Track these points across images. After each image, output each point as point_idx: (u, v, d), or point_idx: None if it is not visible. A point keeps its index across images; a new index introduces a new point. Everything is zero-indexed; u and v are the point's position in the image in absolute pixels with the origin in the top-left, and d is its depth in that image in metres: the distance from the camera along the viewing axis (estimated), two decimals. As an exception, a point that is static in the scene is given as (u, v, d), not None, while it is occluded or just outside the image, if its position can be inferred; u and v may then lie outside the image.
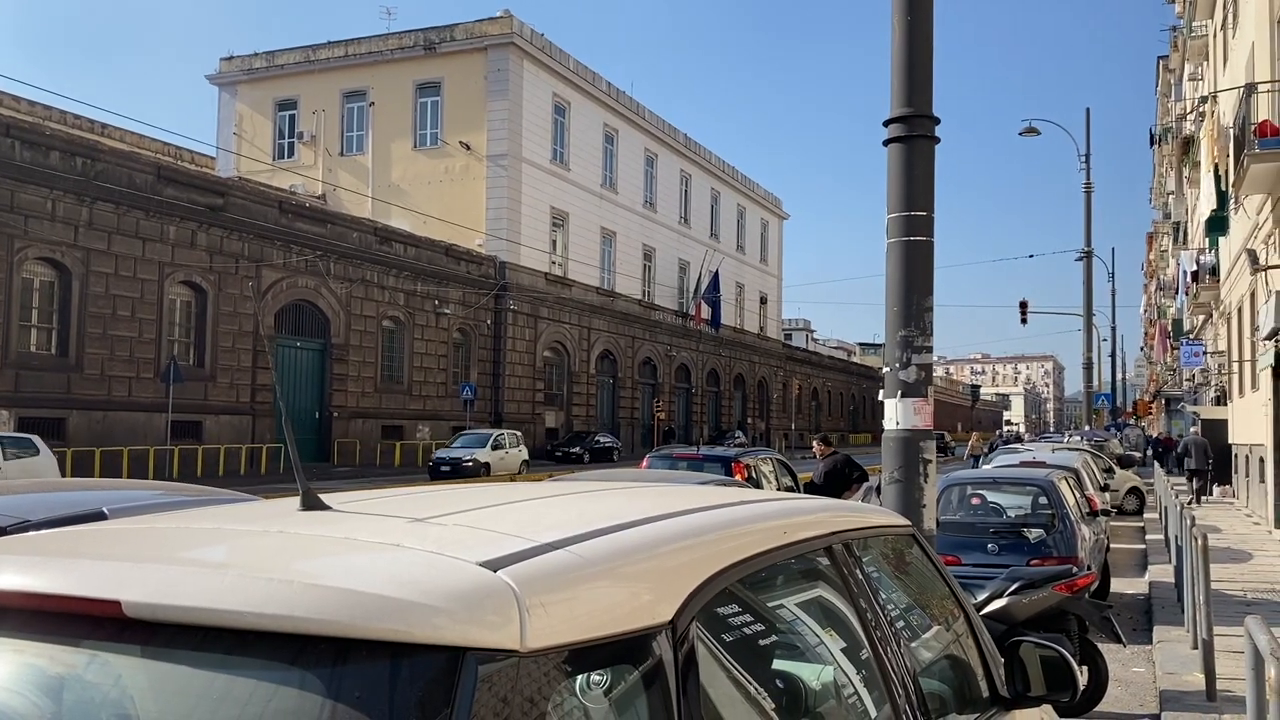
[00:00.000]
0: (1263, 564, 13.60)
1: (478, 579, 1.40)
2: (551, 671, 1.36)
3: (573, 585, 1.47)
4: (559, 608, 1.41)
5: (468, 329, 40.81)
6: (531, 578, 1.42)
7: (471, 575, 1.41)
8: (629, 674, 1.49)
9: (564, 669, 1.38)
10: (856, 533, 2.49)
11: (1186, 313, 36.69)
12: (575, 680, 1.40)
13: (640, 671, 1.50)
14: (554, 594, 1.42)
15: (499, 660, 1.30)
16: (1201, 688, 7.01)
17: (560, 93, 47.09)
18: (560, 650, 1.38)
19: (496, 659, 1.30)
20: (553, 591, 1.43)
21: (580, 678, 1.41)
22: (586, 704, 1.42)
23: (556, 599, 1.42)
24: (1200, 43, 32.44)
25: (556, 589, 1.44)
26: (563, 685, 1.38)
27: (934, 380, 6.67)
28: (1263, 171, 16.77)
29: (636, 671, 1.49)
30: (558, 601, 1.42)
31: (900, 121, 6.20)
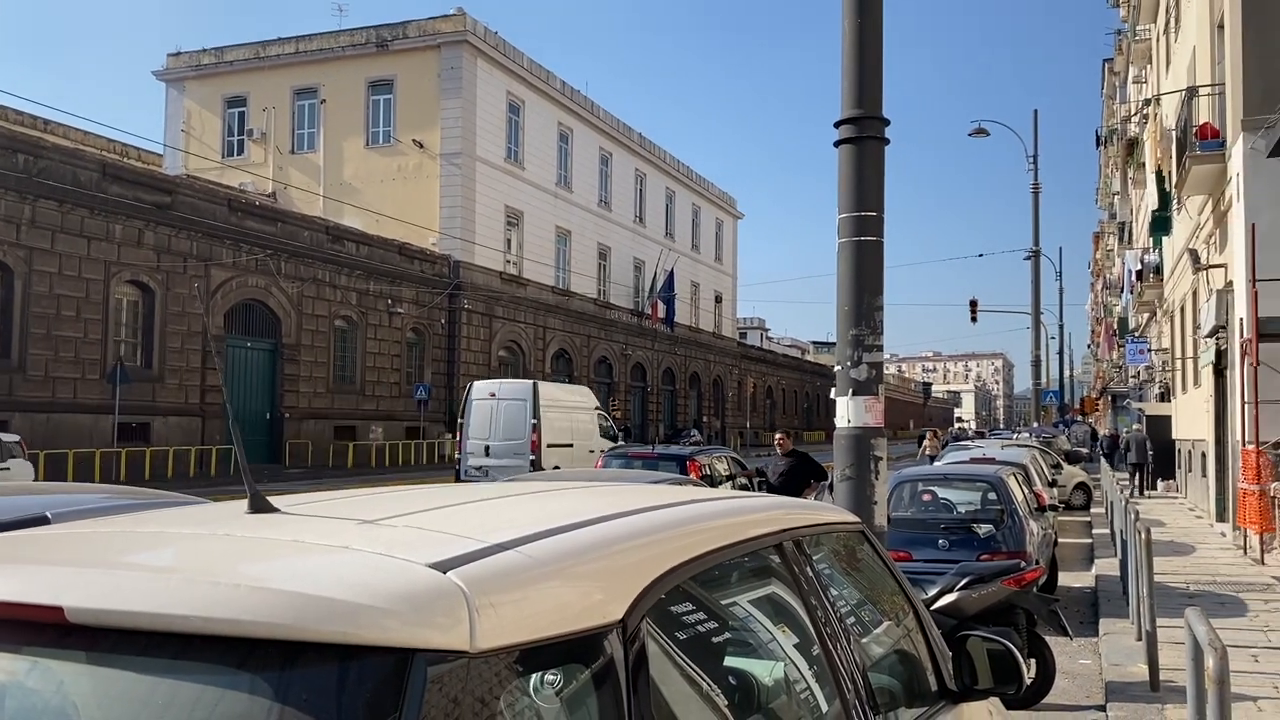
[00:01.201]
0: (1205, 556, 13.92)
1: (427, 580, 1.40)
2: (502, 672, 1.37)
3: (523, 586, 1.48)
4: (509, 608, 1.42)
5: (422, 329, 40.52)
6: (481, 578, 1.43)
7: (421, 577, 1.41)
8: (580, 673, 1.50)
9: (515, 669, 1.39)
10: (807, 530, 2.52)
11: (1132, 311, 37.42)
12: (526, 680, 1.41)
13: (591, 671, 1.51)
14: (504, 594, 1.43)
15: (449, 661, 1.31)
16: (1145, 678, 7.17)
17: (514, 91, 46.91)
18: (511, 650, 1.39)
19: (446, 660, 1.31)
20: (503, 592, 1.43)
21: (531, 677, 1.42)
22: (538, 703, 1.43)
23: (506, 599, 1.42)
24: (1144, 46, 33.10)
25: (506, 589, 1.45)
26: (514, 685, 1.38)
27: (886, 378, 6.75)
28: (1203, 173, 17.14)
29: (588, 671, 1.50)
30: (508, 602, 1.42)
31: (850, 123, 6.27)
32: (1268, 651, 8.13)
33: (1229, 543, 15.17)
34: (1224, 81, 16.19)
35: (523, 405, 23.14)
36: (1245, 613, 9.77)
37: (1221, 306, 16.27)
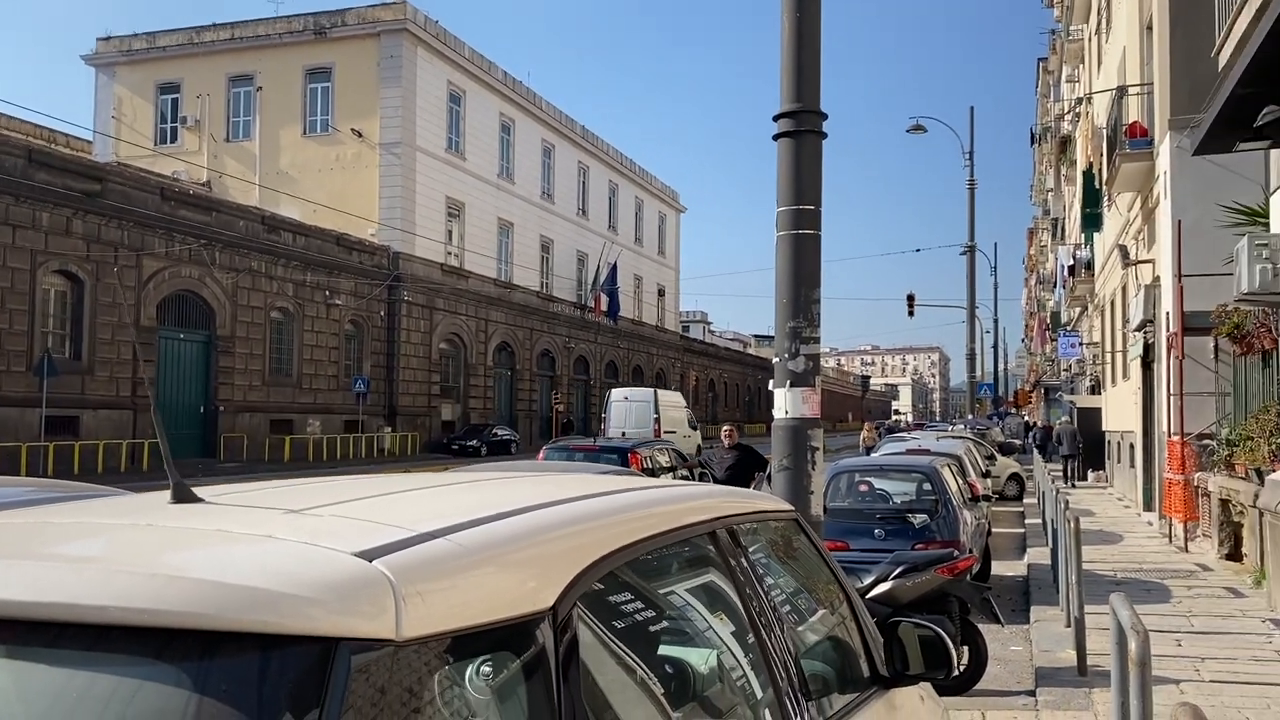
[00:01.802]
0: (1132, 545, 14.29)
1: (352, 569, 1.38)
2: (430, 660, 1.36)
3: (451, 574, 1.47)
4: (436, 596, 1.41)
5: (360, 320, 40.02)
6: (408, 567, 1.41)
7: (345, 565, 1.39)
8: (510, 661, 1.50)
9: (442, 657, 1.38)
10: (741, 518, 2.53)
11: (1064, 305, 38.21)
12: (454, 668, 1.40)
13: (521, 659, 1.50)
14: (431, 583, 1.42)
15: (374, 650, 1.30)
16: (1074, 664, 7.34)
17: (455, 81, 46.48)
18: (438, 639, 1.38)
19: (371, 649, 1.29)
20: (430, 580, 1.42)
21: (459, 666, 1.41)
22: (466, 692, 1.42)
23: (434, 588, 1.41)
24: (1077, 46, 33.78)
25: (434, 578, 1.43)
26: (441, 674, 1.37)
27: (826, 371, 6.83)
28: (1132, 170, 17.57)
29: (517, 659, 1.50)
30: (435, 590, 1.41)
31: (789, 117, 6.32)
32: (1190, 636, 8.38)
33: (1155, 531, 15.60)
34: (1153, 81, 16.61)
35: (648, 405, 34.77)
36: (1169, 599, 10.06)
37: (1149, 301, 16.70)
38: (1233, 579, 11.13)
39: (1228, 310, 12.25)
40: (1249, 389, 12.34)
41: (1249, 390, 12.34)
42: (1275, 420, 10.20)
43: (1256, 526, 10.61)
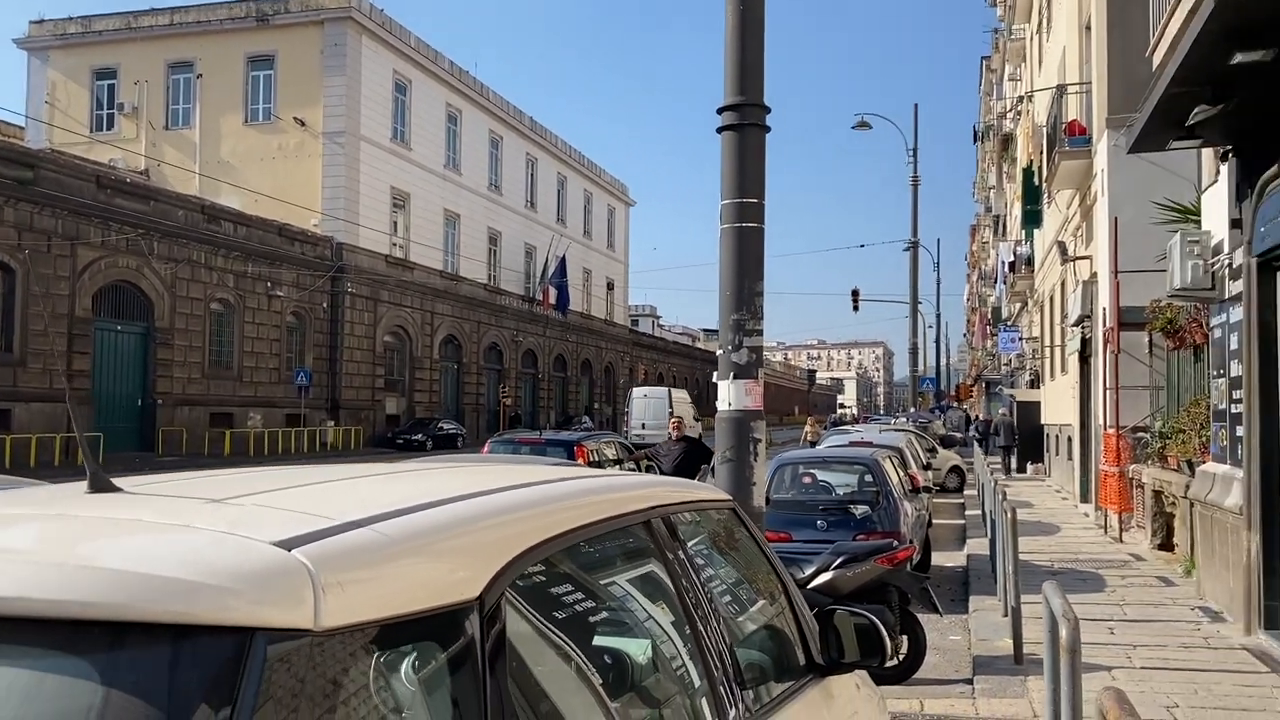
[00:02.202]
0: (1069, 536, 14.58)
1: (270, 558, 1.36)
2: (351, 651, 1.34)
3: (374, 563, 1.45)
4: (358, 586, 1.39)
5: (303, 312, 39.45)
6: (328, 556, 1.39)
7: (263, 554, 1.36)
8: (435, 652, 1.48)
9: (364, 648, 1.36)
10: (677, 507, 2.53)
11: (1005, 301, 38.88)
12: (377, 659, 1.38)
13: (447, 649, 1.49)
14: (353, 572, 1.40)
15: (291, 640, 1.27)
16: (1010, 652, 7.47)
17: (401, 70, 45.97)
18: (359, 629, 1.36)
19: (289, 639, 1.27)
20: (352, 570, 1.40)
21: (382, 656, 1.39)
22: (389, 682, 1.40)
23: (355, 577, 1.39)
24: (1019, 45, 34.33)
25: (356, 567, 1.41)
26: (363, 664, 1.36)
27: (773, 365, 6.87)
28: (1071, 168, 17.91)
29: (443, 649, 1.49)
30: (357, 580, 1.39)
31: (733, 109, 6.34)
32: (1123, 624, 8.57)
33: (1091, 522, 15.93)
34: (1091, 80, 16.92)
35: (663, 400, 41.12)
36: (1104, 588, 10.27)
37: (1087, 297, 17.04)
38: (1164, 568, 11.40)
39: (1161, 306, 12.53)
40: (1181, 383, 12.64)
41: (1181, 384, 12.64)
42: (1206, 413, 10.45)
43: (1187, 517, 10.87)
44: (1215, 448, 9.55)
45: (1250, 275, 8.01)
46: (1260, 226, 7.77)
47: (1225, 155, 8.84)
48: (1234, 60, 6.50)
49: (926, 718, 6.10)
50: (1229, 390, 8.80)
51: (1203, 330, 10.68)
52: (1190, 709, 6.14)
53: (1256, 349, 7.91)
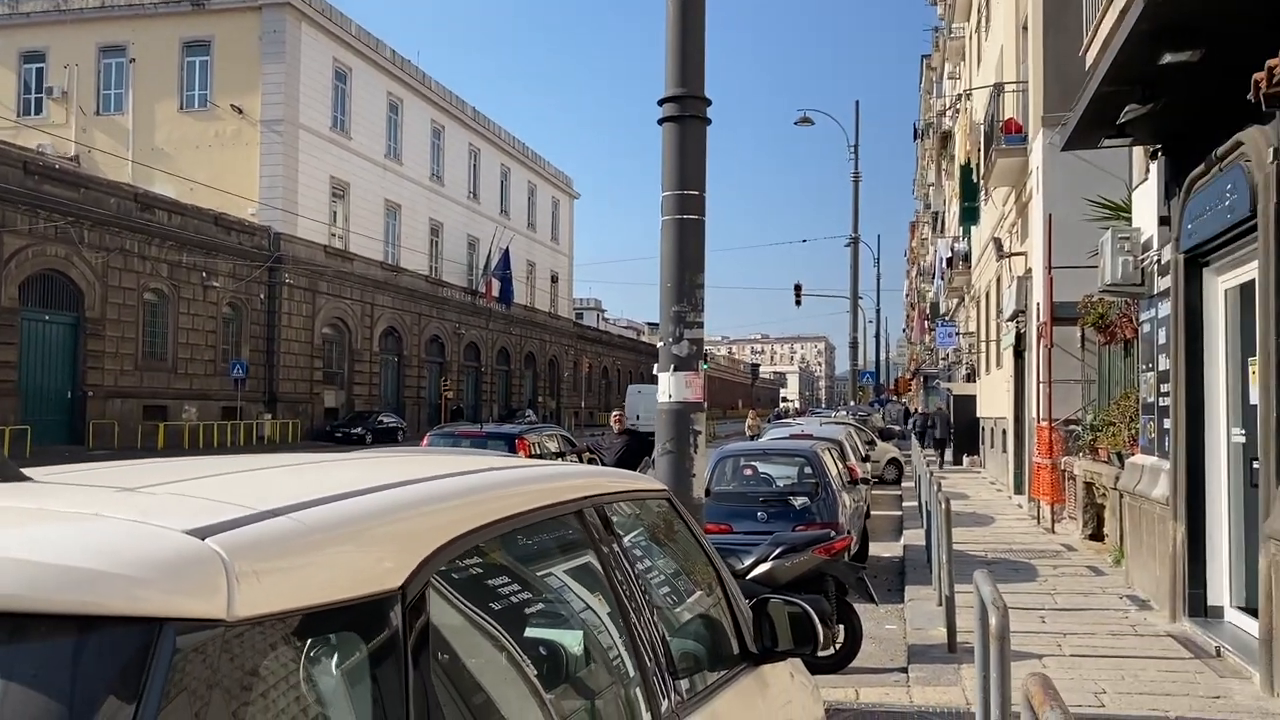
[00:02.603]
0: (1003, 526, 14.85)
1: (181, 547, 1.32)
2: (267, 641, 1.31)
3: (291, 553, 1.42)
4: (274, 575, 1.35)
5: (239, 303, 38.74)
6: (243, 545, 1.36)
7: (174, 543, 1.33)
8: (356, 643, 1.46)
9: (281, 638, 1.33)
10: (610, 497, 2.52)
11: (943, 296, 39.43)
12: (294, 650, 1.36)
13: (367, 640, 1.46)
14: (269, 561, 1.36)
15: (203, 631, 1.24)
16: (944, 640, 7.59)
17: (341, 58, 45.31)
18: (275, 619, 1.33)
19: (200, 630, 1.23)
20: (268, 559, 1.37)
21: (300, 647, 1.37)
22: (308, 673, 1.37)
23: (272, 566, 1.36)
24: (958, 43, 34.80)
25: (272, 556, 1.38)
26: (279, 655, 1.33)
27: (718, 359, 6.89)
28: (1008, 166, 18.21)
29: (363, 640, 1.46)
30: (273, 569, 1.36)
31: (674, 101, 6.33)
32: (1054, 613, 8.75)
33: (1025, 513, 16.24)
34: (1028, 79, 17.21)
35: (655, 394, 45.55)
36: (1036, 577, 10.48)
37: (1021, 292, 17.36)
38: (1095, 558, 11.67)
39: (1093, 301, 12.80)
40: (1112, 377, 12.93)
41: (1112, 378, 12.92)
42: (1135, 407, 10.71)
43: (1117, 508, 11.13)
44: (1144, 440, 9.79)
45: (1178, 271, 8.21)
46: (1188, 224, 7.97)
47: (1155, 154, 9.05)
48: (1163, 60, 6.64)
49: (861, 706, 6.17)
50: (1157, 384, 9.01)
51: (1133, 325, 10.93)
52: (1117, 694, 6.29)
53: (1183, 344, 8.10)
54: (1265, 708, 6.03)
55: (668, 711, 2.30)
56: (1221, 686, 6.46)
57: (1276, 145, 6.25)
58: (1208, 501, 7.93)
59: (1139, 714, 5.89)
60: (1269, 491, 6.27)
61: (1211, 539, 7.90)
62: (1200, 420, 8.01)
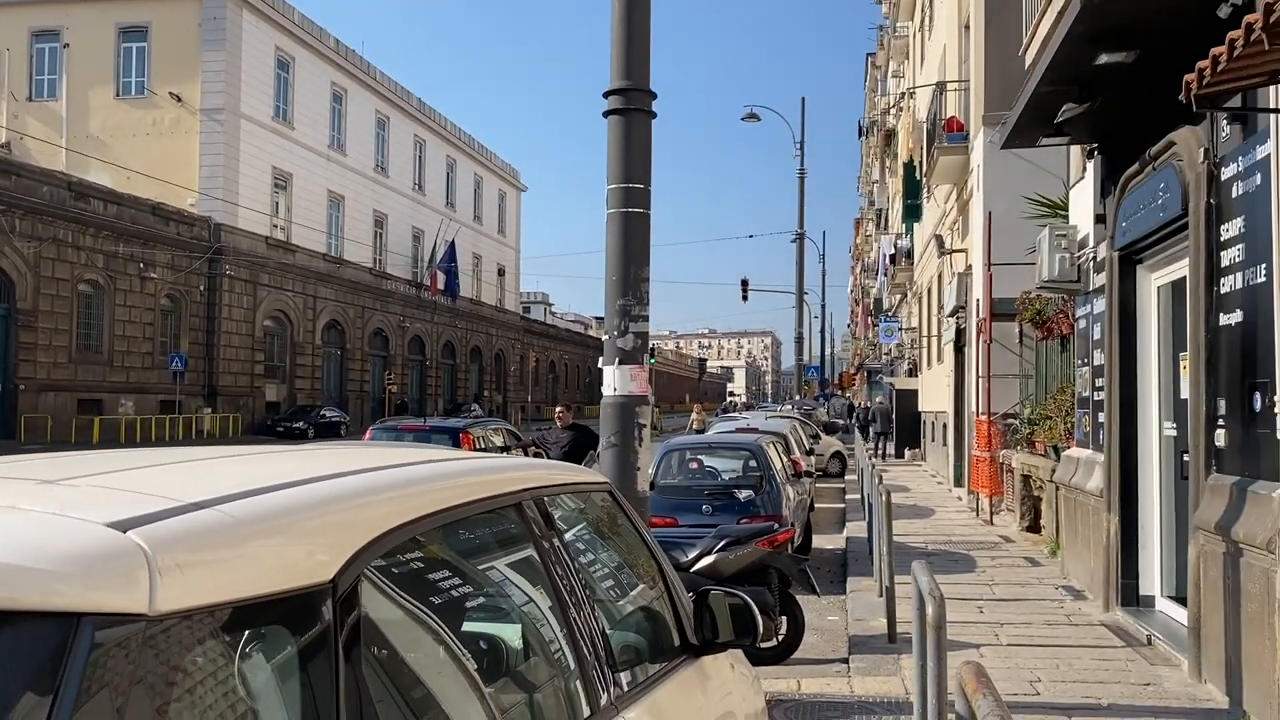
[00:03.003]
0: (943, 518, 15.08)
1: (101, 540, 1.28)
2: (192, 636, 1.28)
3: (217, 546, 1.39)
4: (199, 569, 1.33)
5: (178, 295, 37.98)
6: (167, 538, 1.33)
7: (95, 536, 1.29)
8: (285, 637, 1.43)
9: (206, 633, 1.31)
10: (549, 490, 2.51)
11: (886, 292, 39.92)
12: (220, 644, 1.33)
13: (297, 634, 1.44)
14: (194, 554, 1.34)
15: (123, 625, 1.21)
16: (885, 631, 7.68)
17: (284, 46, 44.58)
18: (200, 613, 1.30)
19: (120, 624, 1.20)
20: (192, 552, 1.34)
21: (226, 642, 1.34)
22: (236, 668, 1.35)
23: (196, 560, 1.33)
24: (903, 42, 35.20)
25: (197, 549, 1.35)
26: (205, 649, 1.30)
27: (665, 353, 6.89)
28: (949, 164, 18.47)
29: (292, 634, 1.44)
30: (199, 562, 1.33)
31: (618, 94, 6.32)
32: (991, 603, 8.90)
33: (964, 506, 16.50)
34: (969, 78, 17.46)
35: None
36: (975, 569, 10.65)
37: (962, 288, 17.62)
38: (1032, 549, 11.89)
39: (1031, 297, 13.02)
40: (1048, 371, 13.18)
41: (1048, 373, 13.17)
42: (1071, 401, 10.93)
43: (1053, 500, 11.35)
44: (1079, 433, 9.99)
45: (1113, 268, 8.38)
46: (1122, 222, 8.14)
47: (1091, 153, 9.23)
48: (1099, 61, 6.77)
49: (803, 697, 6.22)
50: (1092, 378, 9.20)
51: (1069, 321, 11.14)
52: (1052, 683, 6.42)
53: (1117, 339, 8.28)
54: (1193, 694, 6.19)
55: (607, 704, 2.29)
56: (1152, 674, 6.62)
57: (1207, 146, 6.41)
58: (1140, 494, 8.13)
59: (1073, 702, 6.01)
60: (1198, 484, 6.43)
61: (1143, 530, 8.09)
62: (1133, 414, 8.19)
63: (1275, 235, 5.35)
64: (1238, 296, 5.93)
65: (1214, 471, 6.28)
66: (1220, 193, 6.21)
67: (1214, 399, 6.27)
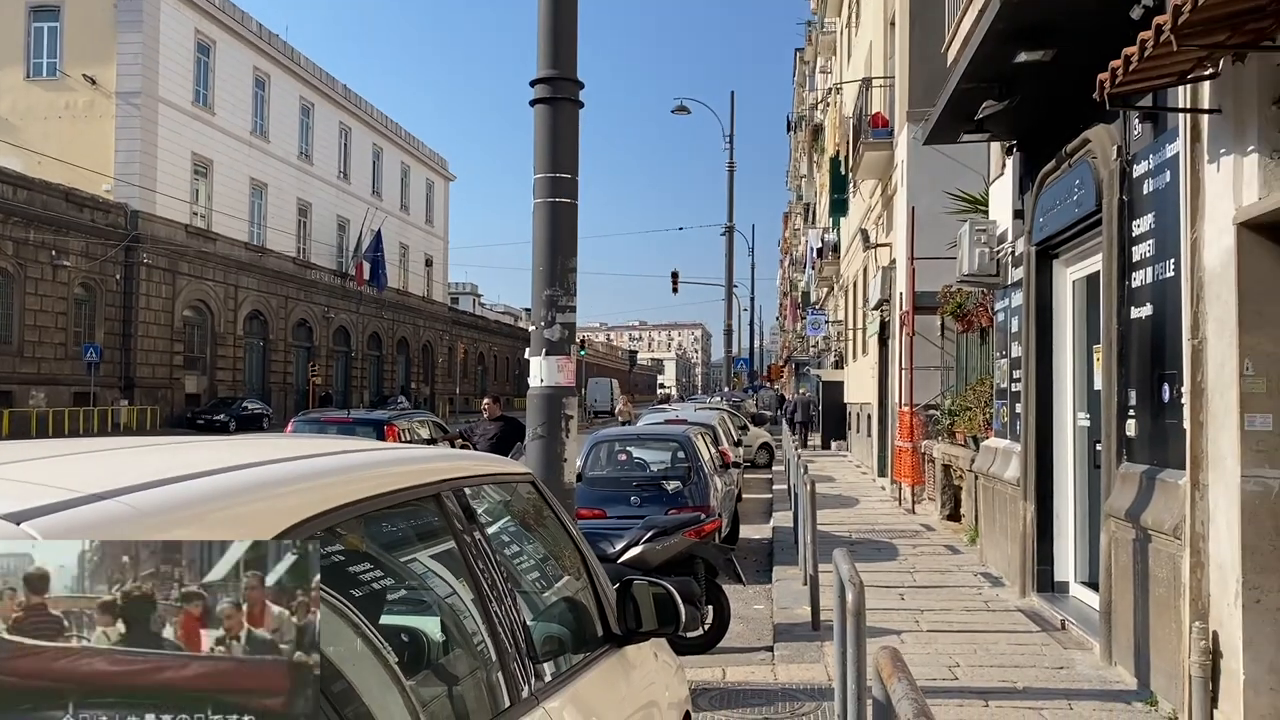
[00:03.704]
0: (867, 507, 15.32)
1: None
2: None
3: (119, 538, 1.34)
4: None
5: (93, 284, 36.83)
6: (64, 530, 1.28)
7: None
8: None
9: None
10: (469, 481, 2.48)
11: (813, 286, 40.38)
12: None
13: None
14: None
15: None
16: (809, 619, 7.78)
17: (204, 30, 43.43)
18: None
19: None
20: None
21: None
22: None
23: None
24: (830, 38, 35.56)
25: None
26: None
27: (596, 345, 6.86)
28: (874, 159, 18.72)
29: None
30: None
31: (545, 83, 6.28)
32: (913, 590, 9.07)
33: (888, 495, 16.79)
34: (894, 75, 17.71)
35: (608, 383, 69.10)
36: (897, 557, 10.84)
37: (886, 282, 17.89)
38: (952, 537, 12.14)
39: (952, 291, 13.28)
40: (969, 364, 13.46)
41: (969, 365, 13.45)
42: (990, 392, 11.17)
43: (972, 489, 11.60)
44: (997, 424, 10.22)
45: (1030, 263, 8.58)
46: (1039, 217, 8.33)
47: (1011, 149, 9.43)
48: (1018, 59, 6.92)
49: (728, 685, 6.27)
50: (1010, 370, 9.42)
51: (988, 314, 11.38)
52: (969, 667, 6.56)
53: (1034, 332, 8.49)
54: (1104, 676, 6.38)
55: (528, 695, 2.28)
56: (1065, 657, 6.81)
57: (1120, 143, 6.59)
58: (1055, 482, 8.35)
59: (990, 686, 6.15)
60: (1110, 472, 6.63)
61: (1058, 518, 8.32)
62: (1049, 405, 8.41)
63: (1184, 231, 5.52)
64: (1148, 291, 6.11)
65: (1125, 460, 6.48)
66: (1132, 189, 6.39)
67: (1125, 390, 6.47)
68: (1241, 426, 4.93)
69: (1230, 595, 5.00)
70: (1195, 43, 4.47)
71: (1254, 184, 4.91)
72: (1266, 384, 4.91)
